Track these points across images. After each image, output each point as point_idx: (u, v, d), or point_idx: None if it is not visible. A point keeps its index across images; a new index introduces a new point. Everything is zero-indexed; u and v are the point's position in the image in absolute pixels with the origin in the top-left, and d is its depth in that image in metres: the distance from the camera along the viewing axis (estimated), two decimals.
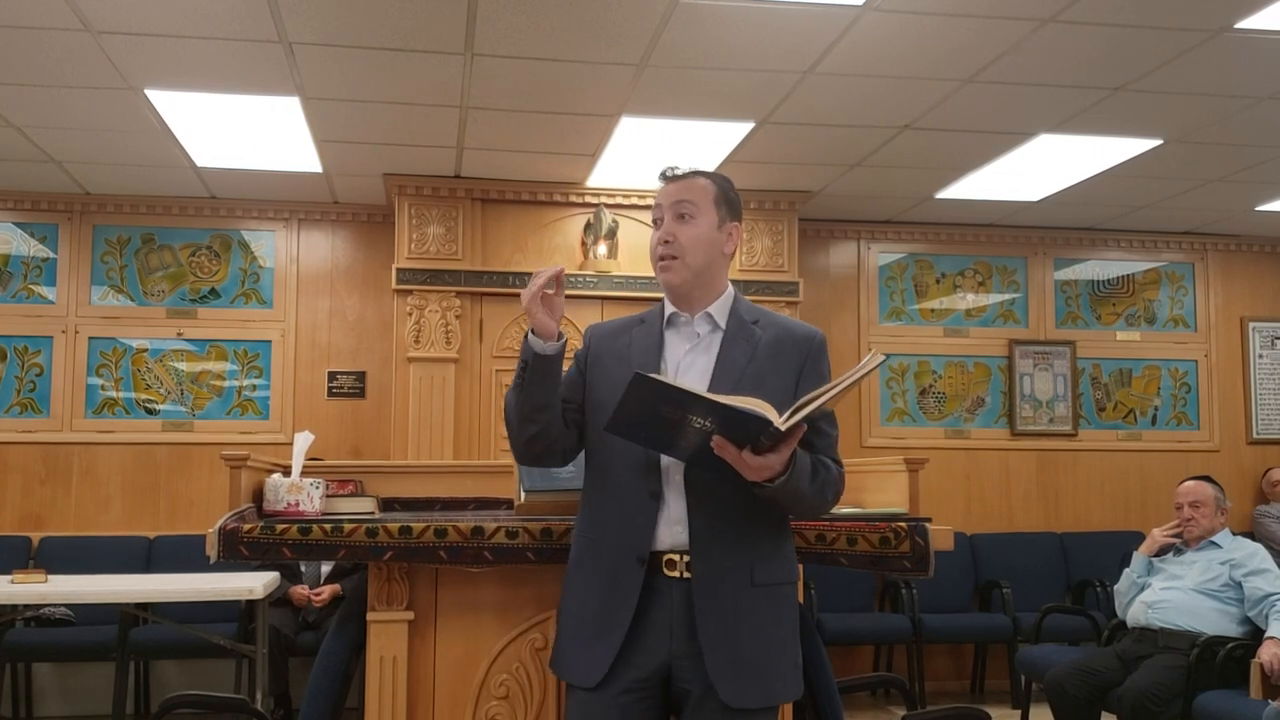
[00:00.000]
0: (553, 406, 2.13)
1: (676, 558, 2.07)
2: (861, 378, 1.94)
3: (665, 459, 2.08)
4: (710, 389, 2.06)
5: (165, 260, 6.27)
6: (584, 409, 2.20)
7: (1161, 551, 4.54)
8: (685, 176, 2.20)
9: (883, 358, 2.03)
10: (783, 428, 1.88)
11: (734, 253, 2.25)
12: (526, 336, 2.09)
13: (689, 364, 2.16)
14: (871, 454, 6.49)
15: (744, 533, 2.09)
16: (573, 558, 2.21)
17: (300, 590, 5.32)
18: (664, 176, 2.23)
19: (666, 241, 2.15)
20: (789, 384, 2.12)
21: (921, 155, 5.46)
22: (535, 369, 2.08)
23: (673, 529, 2.08)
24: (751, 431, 1.91)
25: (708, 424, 1.90)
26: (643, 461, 2.09)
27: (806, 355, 2.17)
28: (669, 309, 2.22)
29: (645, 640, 2.06)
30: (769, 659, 2.08)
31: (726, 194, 2.20)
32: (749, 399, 1.91)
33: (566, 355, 2.15)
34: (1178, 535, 4.49)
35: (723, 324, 2.18)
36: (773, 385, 2.08)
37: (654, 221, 2.22)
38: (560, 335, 2.09)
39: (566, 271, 2.18)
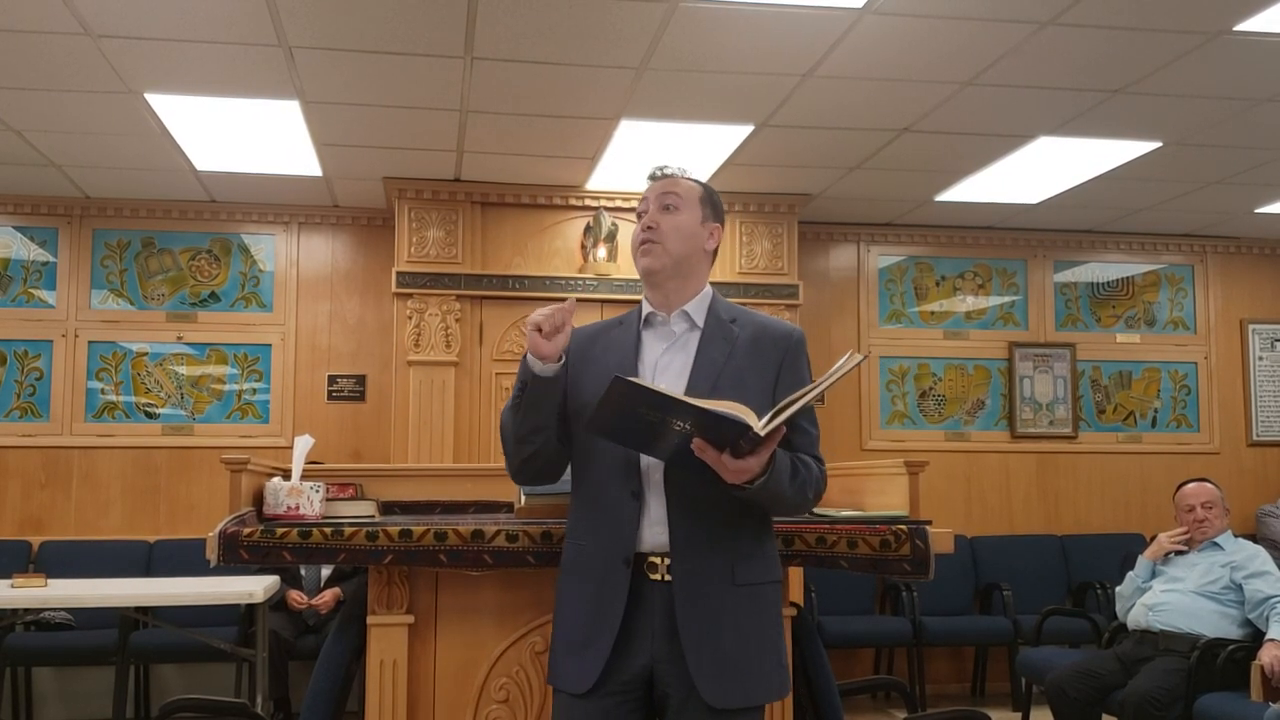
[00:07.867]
0: (549, 427, 2.13)
1: (658, 560, 2.06)
2: (840, 378, 1.93)
3: (645, 459, 2.07)
4: (688, 388, 2.05)
5: (165, 264, 6.27)
6: (567, 416, 2.17)
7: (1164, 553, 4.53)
8: (672, 176, 2.23)
9: (861, 357, 1.99)
10: (761, 433, 1.87)
11: (715, 253, 2.25)
12: (525, 357, 2.09)
13: (666, 363, 2.14)
14: (871, 457, 6.49)
15: (724, 533, 2.08)
16: (563, 564, 2.21)
17: (296, 596, 5.31)
18: (653, 176, 2.26)
19: (649, 227, 2.16)
20: (768, 382, 2.12)
21: (921, 158, 5.46)
22: (534, 390, 2.09)
23: (654, 530, 2.07)
24: (730, 435, 1.89)
25: (686, 426, 1.89)
26: (623, 462, 2.08)
27: (785, 353, 2.16)
28: (646, 309, 2.22)
29: (629, 644, 2.05)
30: (751, 659, 2.07)
31: (710, 196, 2.24)
32: (728, 402, 1.89)
33: None
34: (1185, 543, 4.47)
35: (700, 323, 2.18)
36: (752, 384, 2.07)
37: (638, 215, 2.23)
38: (561, 358, 2.10)
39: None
